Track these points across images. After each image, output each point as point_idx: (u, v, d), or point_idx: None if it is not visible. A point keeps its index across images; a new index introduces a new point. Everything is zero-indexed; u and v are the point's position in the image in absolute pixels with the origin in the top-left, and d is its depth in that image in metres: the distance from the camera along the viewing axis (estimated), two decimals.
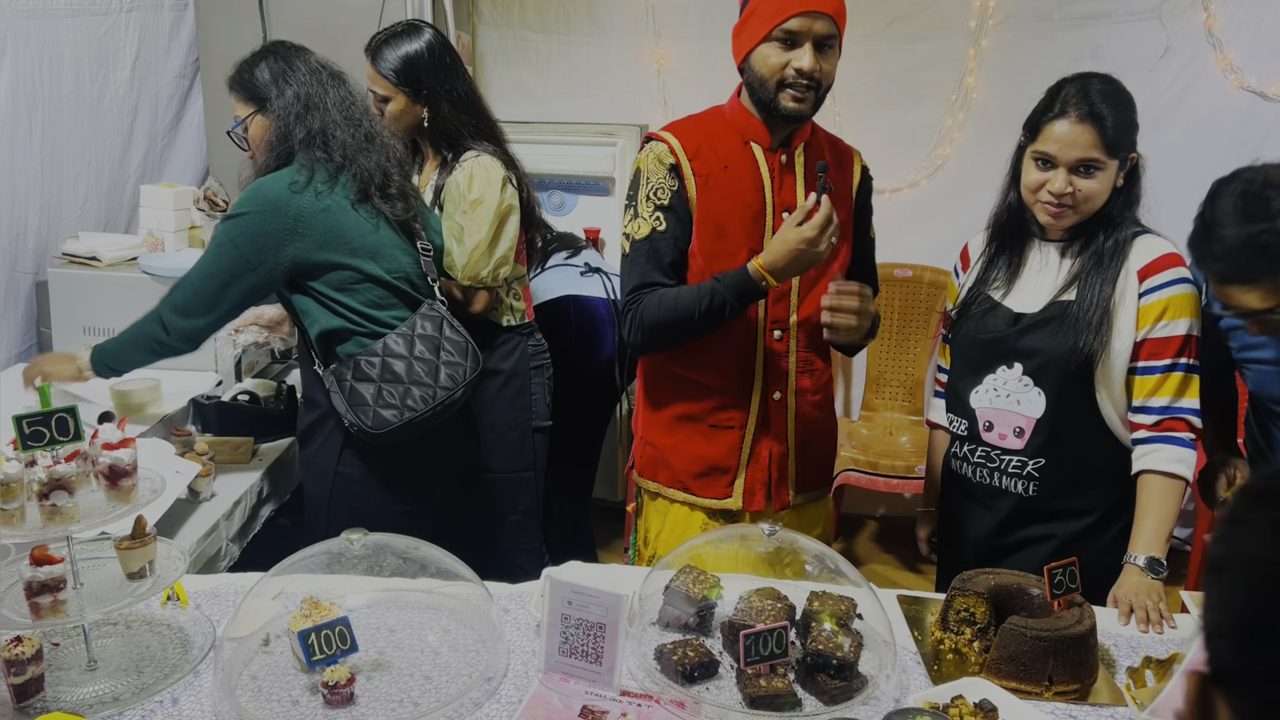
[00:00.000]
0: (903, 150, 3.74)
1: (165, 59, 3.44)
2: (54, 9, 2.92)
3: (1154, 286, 1.89)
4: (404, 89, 2.46)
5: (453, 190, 2.46)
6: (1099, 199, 1.89)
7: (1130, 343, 1.90)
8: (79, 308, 2.76)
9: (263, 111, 2.19)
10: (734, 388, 2.06)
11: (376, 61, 2.47)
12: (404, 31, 2.52)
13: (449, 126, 2.51)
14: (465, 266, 2.45)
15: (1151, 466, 1.87)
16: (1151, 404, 1.89)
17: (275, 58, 2.22)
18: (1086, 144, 1.84)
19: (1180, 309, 1.88)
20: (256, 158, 2.25)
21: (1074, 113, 1.85)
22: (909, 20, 3.64)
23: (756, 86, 1.97)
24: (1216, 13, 3.41)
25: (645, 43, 3.77)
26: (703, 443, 2.08)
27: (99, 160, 3.17)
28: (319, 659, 1.47)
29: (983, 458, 2.03)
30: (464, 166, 2.47)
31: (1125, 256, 1.90)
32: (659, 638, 1.65)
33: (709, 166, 1.99)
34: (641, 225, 2.00)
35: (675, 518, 2.14)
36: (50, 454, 1.47)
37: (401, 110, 2.48)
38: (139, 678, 1.54)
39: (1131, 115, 1.88)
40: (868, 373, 3.93)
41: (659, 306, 1.97)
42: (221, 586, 1.81)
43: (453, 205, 2.45)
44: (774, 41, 1.92)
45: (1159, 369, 1.89)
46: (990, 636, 1.63)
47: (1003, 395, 1.98)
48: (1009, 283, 2.01)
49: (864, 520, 4.12)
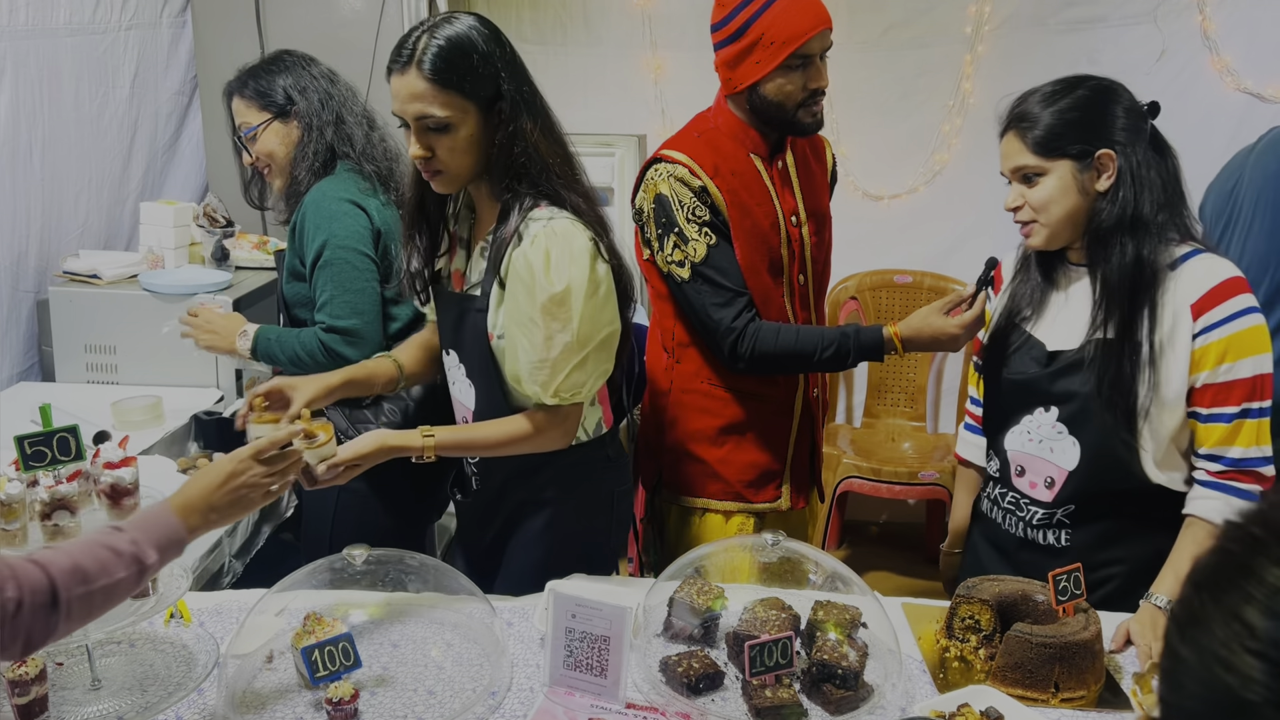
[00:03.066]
0: (901, 157, 3.74)
1: (164, 76, 3.45)
2: (53, 28, 2.93)
3: (1211, 325, 1.68)
4: (472, 100, 1.69)
5: (522, 270, 1.73)
6: (1057, 206, 1.73)
7: (1183, 388, 1.70)
8: (80, 326, 2.76)
9: (281, 119, 2.21)
10: (783, 392, 2.12)
11: (428, 68, 1.66)
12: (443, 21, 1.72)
13: (534, 156, 1.74)
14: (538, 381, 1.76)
15: (1202, 514, 1.70)
16: (1223, 454, 1.70)
17: (290, 65, 2.24)
18: (1014, 152, 1.75)
19: (1244, 347, 1.68)
20: (275, 167, 2.26)
21: (1003, 125, 1.78)
22: (905, 27, 3.64)
23: (771, 110, 1.98)
24: (1212, 15, 3.41)
25: (642, 53, 3.78)
26: (753, 450, 2.12)
27: (99, 178, 3.17)
28: (322, 675, 1.46)
29: (1011, 504, 1.88)
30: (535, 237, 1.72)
31: (1167, 283, 1.70)
32: (664, 649, 1.64)
33: (729, 182, 2.01)
34: (696, 247, 1.99)
35: (709, 529, 2.15)
36: (52, 474, 1.47)
37: (474, 134, 1.70)
38: (143, 696, 1.54)
39: (1069, 110, 1.71)
40: (869, 379, 3.92)
41: (777, 341, 2.00)
42: (225, 603, 1.81)
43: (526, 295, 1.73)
44: (787, 67, 1.93)
45: (1227, 417, 1.69)
46: (996, 644, 1.63)
47: (1035, 440, 1.82)
48: (1038, 311, 1.85)
49: (867, 527, 4.11)
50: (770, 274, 2.06)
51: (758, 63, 1.94)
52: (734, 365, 2.02)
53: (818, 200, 2.16)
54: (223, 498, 1.43)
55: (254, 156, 2.29)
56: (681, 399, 2.13)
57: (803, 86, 1.96)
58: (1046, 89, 1.77)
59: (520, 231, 1.73)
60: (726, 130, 2.05)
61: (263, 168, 2.33)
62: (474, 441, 1.85)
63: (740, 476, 2.12)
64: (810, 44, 1.93)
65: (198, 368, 2.71)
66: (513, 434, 1.81)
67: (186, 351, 2.68)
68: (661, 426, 2.18)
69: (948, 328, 1.93)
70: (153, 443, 2.43)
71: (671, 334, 2.12)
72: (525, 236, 1.73)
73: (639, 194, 2.06)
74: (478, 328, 1.81)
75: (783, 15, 1.91)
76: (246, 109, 2.26)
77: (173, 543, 1.33)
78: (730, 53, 1.98)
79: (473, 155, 1.73)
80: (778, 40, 1.91)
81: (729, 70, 2.00)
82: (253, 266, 2.97)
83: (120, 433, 1.66)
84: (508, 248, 1.74)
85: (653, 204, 2.01)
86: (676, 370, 2.13)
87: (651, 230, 2.03)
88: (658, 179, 2.01)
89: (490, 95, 1.70)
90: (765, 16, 1.92)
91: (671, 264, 2.01)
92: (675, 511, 2.20)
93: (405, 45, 1.69)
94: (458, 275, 1.90)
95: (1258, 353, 1.69)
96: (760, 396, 2.10)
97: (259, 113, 2.24)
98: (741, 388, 2.09)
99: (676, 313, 2.09)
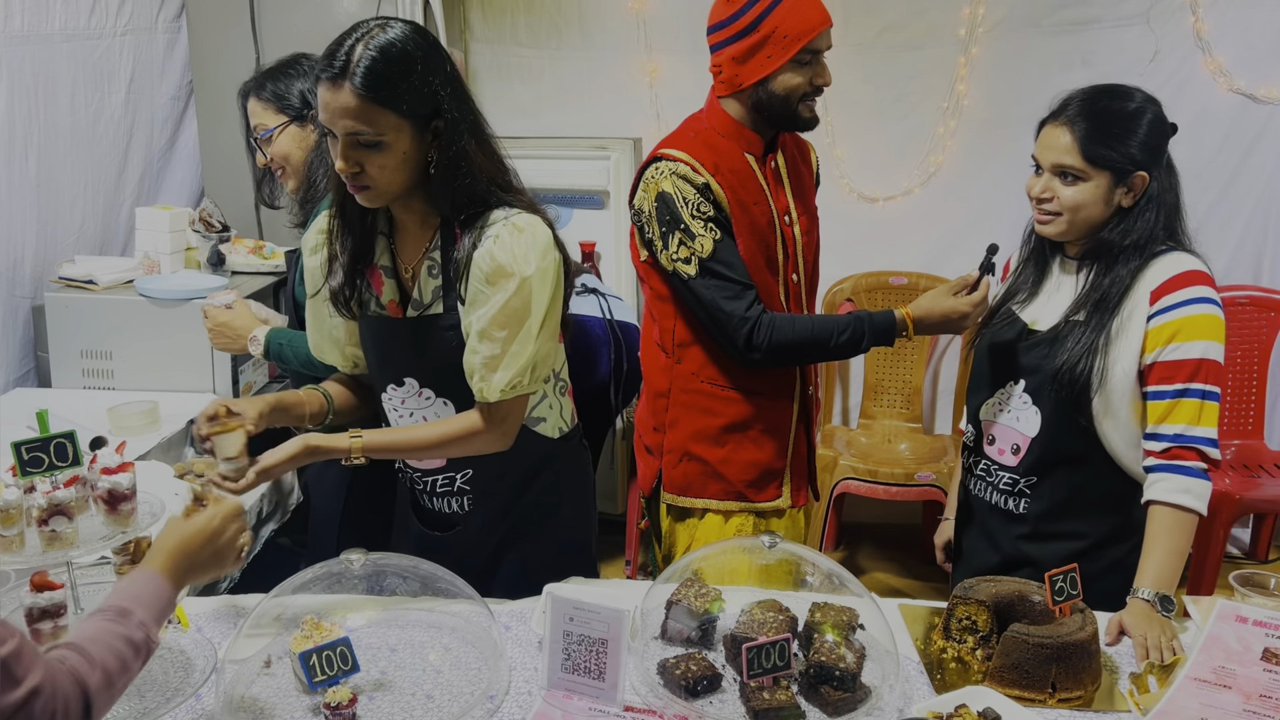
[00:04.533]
0: (896, 158, 3.75)
1: (159, 81, 3.45)
2: (48, 34, 2.93)
3: (1166, 307, 1.78)
4: (408, 119, 1.64)
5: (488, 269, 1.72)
6: (1085, 211, 1.82)
7: (1134, 367, 1.81)
8: (76, 331, 2.76)
9: (298, 123, 2.20)
10: (783, 389, 2.13)
11: (361, 83, 1.59)
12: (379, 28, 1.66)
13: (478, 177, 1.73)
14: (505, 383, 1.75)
15: (1158, 497, 1.77)
16: (1162, 431, 1.78)
17: (308, 70, 2.24)
18: (1062, 148, 1.81)
19: (1195, 330, 1.76)
20: (290, 169, 2.25)
21: (1062, 115, 1.83)
22: (900, 29, 3.65)
23: (776, 105, 2.01)
24: (1205, 16, 3.43)
25: (637, 56, 3.79)
26: (754, 449, 2.13)
27: (94, 184, 3.17)
28: (321, 680, 1.46)
29: (983, 471, 2.01)
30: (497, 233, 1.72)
31: (1140, 276, 1.82)
32: (662, 652, 1.65)
33: (728, 180, 2.02)
34: (703, 243, 1.99)
35: (707, 530, 2.15)
36: (49, 480, 1.47)
37: (407, 151, 1.65)
38: (140, 702, 1.53)
39: (1133, 132, 1.80)
40: (865, 381, 3.93)
41: (793, 330, 2.01)
42: (222, 608, 1.81)
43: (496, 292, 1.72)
44: (797, 62, 1.97)
45: (1169, 394, 1.78)
46: (993, 644, 1.63)
47: (1005, 410, 1.96)
48: (1030, 296, 1.97)
49: (864, 528, 4.11)
50: (769, 271, 2.08)
51: (769, 57, 1.96)
52: (749, 356, 2.02)
53: (807, 201, 2.19)
54: (208, 558, 1.41)
55: (269, 158, 2.29)
56: (681, 399, 2.13)
57: (808, 82, 2.00)
58: (1105, 98, 1.83)
59: (481, 231, 1.70)
60: (721, 130, 2.06)
61: (277, 170, 2.32)
62: (405, 444, 1.81)
63: (742, 476, 2.13)
64: (819, 40, 1.98)
65: (194, 373, 2.71)
66: (450, 434, 1.78)
67: (183, 356, 2.69)
68: (660, 427, 2.18)
69: (959, 307, 1.98)
70: (149, 448, 2.43)
71: (672, 334, 2.12)
72: (486, 236, 1.70)
73: (638, 194, 2.05)
74: (447, 345, 1.77)
75: (793, 11, 1.95)
76: (263, 111, 2.26)
77: (167, 612, 1.32)
78: (739, 49, 1.99)
79: (405, 173, 1.66)
80: (790, 35, 1.95)
81: (736, 66, 2.00)
82: (249, 271, 2.97)
83: (117, 438, 1.66)
84: (470, 259, 1.70)
85: (655, 202, 2.01)
86: (676, 370, 2.13)
87: (654, 229, 2.02)
88: (659, 177, 2.01)
89: (426, 113, 1.63)
90: (777, 12, 1.94)
91: (677, 261, 2.01)
92: (674, 513, 2.20)
93: (338, 55, 1.59)
94: (394, 305, 1.82)
95: (1209, 339, 1.77)
96: (761, 394, 2.10)
97: (276, 115, 2.24)
98: (743, 386, 2.09)
99: (678, 312, 2.09)
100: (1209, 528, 3.30)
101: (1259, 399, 3.63)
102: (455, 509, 1.93)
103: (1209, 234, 3.51)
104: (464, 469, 1.89)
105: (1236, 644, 1.55)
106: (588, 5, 3.79)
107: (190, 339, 2.65)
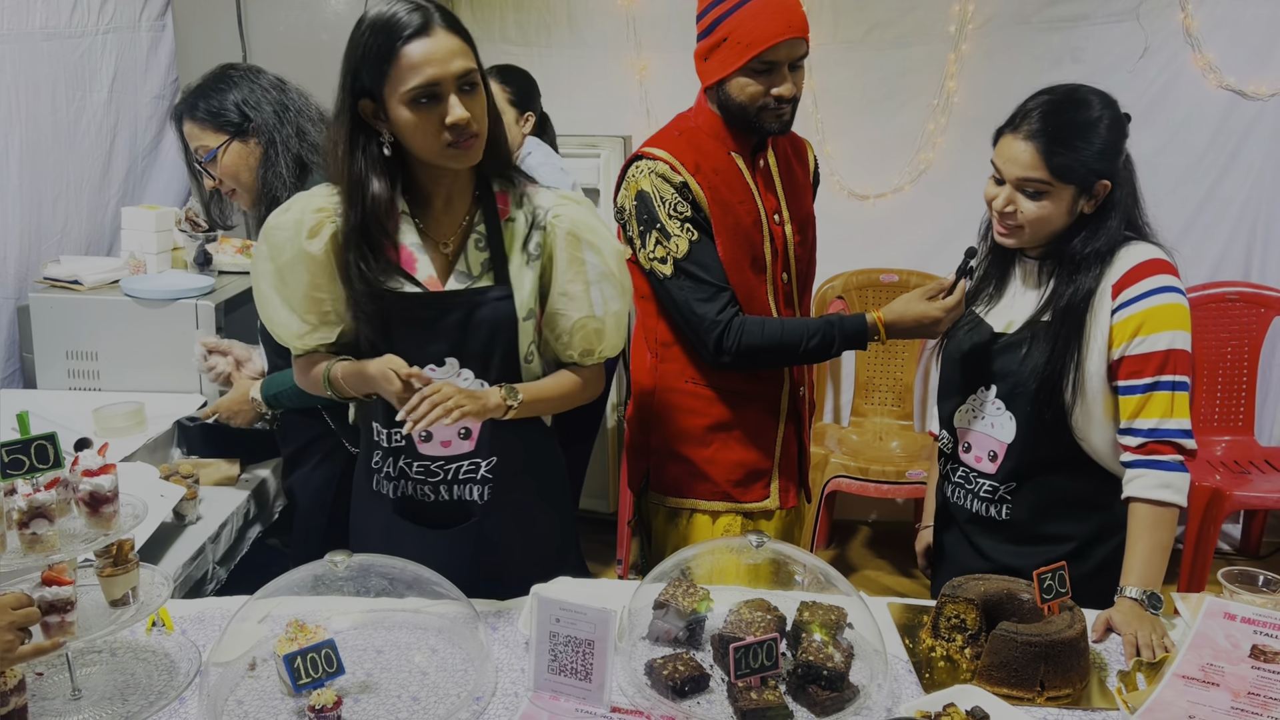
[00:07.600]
0: (886, 156, 3.75)
1: (143, 80, 3.43)
2: (29, 33, 2.90)
3: (1128, 300, 1.78)
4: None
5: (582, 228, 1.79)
6: (1048, 224, 1.80)
7: (1103, 364, 1.81)
8: (61, 332, 2.73)
9: (239, 138, 2.15)
10: (769, 390, 2.12)
11: (450, 23, 1.66)
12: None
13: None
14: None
15: (1137, 494, 1.77)
16: (1137, 426, 1.78)
17: (238, 80, 2.16)
18: (1027, 163, 1.76)
19: (1160, 321, 1.76)
20: (241, 187, 2.20)
21: (1024, 128, 1.77)
22: (889, 26, 3.64)
23: (735, 110, 1.98)
24: (1194, 12, 3.43)
25: (626, 54, 3.78)
26: (740, 449, 2.11)
27: (78, 183, 3.15)
28: (305, 682, 1.45)
29: (962, 478, 1.99)
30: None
31: (1105, 272, 1.81)
32: (649, 652, 1.64)
33: (710, 179, 2.00)
34: (679, 243, 1.98)
35: (696, 530, 2.14)
36: (30, 482, 1.46)
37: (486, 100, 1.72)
38: (124, 706, 1.52)
39: (1095, 142, 1.76)
40: (856, 378, 3.93)
41: (762, 333, 1.99)
42: (207, 611, 1.79)
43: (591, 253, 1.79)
44: (751, 70, 1.92)
45: (1140, 388, 1.78)
46: (981, 643, 1.63)
47: (980, 417, 1.94)
48: (994, 297, 1.96)
49: (855, 526, 4.11)
50: (753, 271, 2.06)
51: (723, 62, 1.94)
52: (719, 360, 2.01)
53: (801, 201, 2.16)
54: None
55: (217, 179, 2.21)
56: (666, 399, 2.13)
57: (765, 91, 1.94)
58: (1067, 107, 1.77)
59: (536, 205, 1.77)
60: (707, 129, 2.05)
61: (227, 191, 2.24)
62: (549, 394, 1.83)
63: (728, 476, 2.12)
64: (776, 50, 1.90)
65: (180, 374, 2.69)
66: (567, 389, 1.84)
67: (169, 357, 2.67)
68: (647, 427, 2.17)
69: (930, 312, 1.95)
70: (135, 449, 2.41)
71: (655, 334, 2.11)
72: (552, 205, 1.77)
73: (620, 192, 2.05)
74: (499, 316, 1.75)
75: (750, 19, 1.89)
76: (201, 132, 2.16)
77: None
78: (702, 47, 1.99)
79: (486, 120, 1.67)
80: (743, 42, 1.90)
81: (701, 63, 2.01)
82: (235, 271, 2.95)
83: (102, 439, 1.65)
84: (531, 226, 1.76)
85: (634, 201, 2.00)
86: (660, 370, 2.12)
87: (634, 228, 2.02)
88: (639, 176, 2.00)
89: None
90: (734, 17, 1.91)
91: (654, 260, 2.00)
92: (663, 513, 2.20)
93: (410, 14, 1.59)
94: (432, 280, 1.75)
95: (1174, 329, 1.76)
96: (746, 395, 2.09)
97: (215, 134, 2.15)
98: (726, 386, 2.08)
99: (659, 311, 2.08)
100: (1200, 525, 3.30)
101: (1249, 395, 3.63)
102: (474, 497, 1.85)
103: (1199, 229, 3.52)
104: (490, 455, 1.83)
105: (1224, 641, 1.55)
106: (577, 2, 3.78)
107: (177, 340, 2.63)
